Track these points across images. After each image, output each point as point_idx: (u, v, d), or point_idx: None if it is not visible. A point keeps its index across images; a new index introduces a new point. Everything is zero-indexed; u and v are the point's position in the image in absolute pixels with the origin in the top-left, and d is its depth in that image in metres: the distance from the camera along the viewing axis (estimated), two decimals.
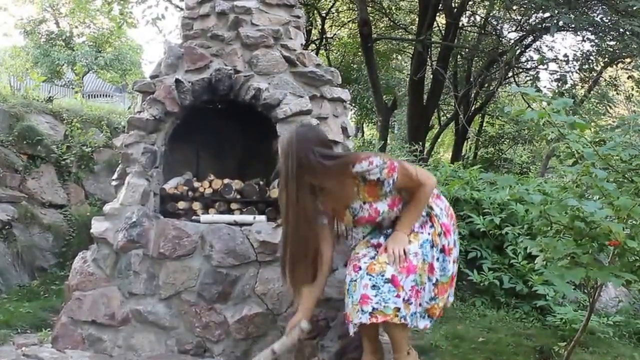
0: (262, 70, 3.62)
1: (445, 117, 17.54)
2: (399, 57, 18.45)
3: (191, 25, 3.88)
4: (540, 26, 11.70)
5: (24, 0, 21.63)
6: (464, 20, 14.07)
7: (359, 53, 15.75)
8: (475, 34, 15.01)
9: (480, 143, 17.60)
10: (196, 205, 3.76)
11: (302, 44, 3.98)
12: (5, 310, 4.48)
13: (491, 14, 13.88)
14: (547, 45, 13.31)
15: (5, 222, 5.57)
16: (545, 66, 11.80)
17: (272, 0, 3.83)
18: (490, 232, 5.63)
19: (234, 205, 3.77)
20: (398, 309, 2.74)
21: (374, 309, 2.71)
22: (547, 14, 10.88)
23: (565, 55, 11.48)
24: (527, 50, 14.13)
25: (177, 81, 3.59)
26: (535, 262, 3.59)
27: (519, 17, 13.52)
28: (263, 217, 3.57)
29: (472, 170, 6.88)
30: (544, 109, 3.28)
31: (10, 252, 5.48)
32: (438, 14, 12.93)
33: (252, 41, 3.65)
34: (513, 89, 4.23)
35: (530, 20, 12.86)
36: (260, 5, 3.79)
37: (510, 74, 13.95)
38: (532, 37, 13.23)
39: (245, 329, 3.36)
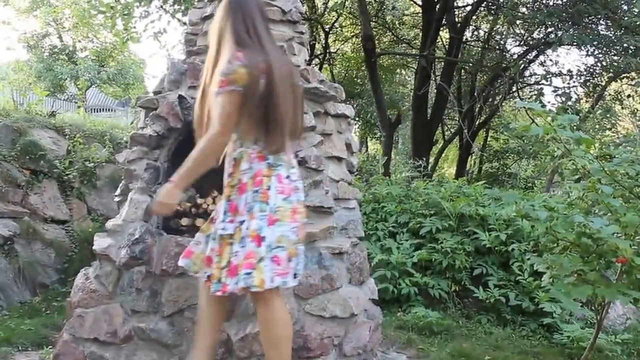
0: None
1: (449, 132, 17.55)
2: (403, 72, 18.51)
3: (194, 41, 3.88)
4: (544, 41, 11.72)
5: (27, 14, 21.75)
6: (467, 34, 14.12)
7: (362, 68, 15.82)
8: (479, 49, 15.05)
9: (484, 158, 17.58)
10: (199, 222, 3.73)
11: (305, 60, 3.97)
12: (6, 328, 4.45)
13: (495, 29, 13.95)
14: (551, 60, 13.35)
15: (7, 237, 5.55)
16: (549, 81, 11.80)
17: (276, 16, 3.82)
18: (496, 248, 5.61)
19: None
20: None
21: None
22: (550, 29, 10.91)
23: (569, 71, 11.50)
24: (530, 65, 14.17)
25: (181, 97, 3.58)
26: (542, 279, 3.57)
27: (523, 32, 13.58)
28: None
29: (477, 186, 6.87)
30: (549, 124, 3.27)
31: (11, 268, 5.46)
32: (441, 28, 12.97)
33: None
34: (518, 104, 4.22)
35: (534, 35, 12.90)
36: None
37: (514, 88, 13.98)
38: (535, 51, 13.25)
39: (249, 348, 3.31)
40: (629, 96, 12.79)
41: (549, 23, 10.00)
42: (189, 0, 9.83)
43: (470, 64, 14.36)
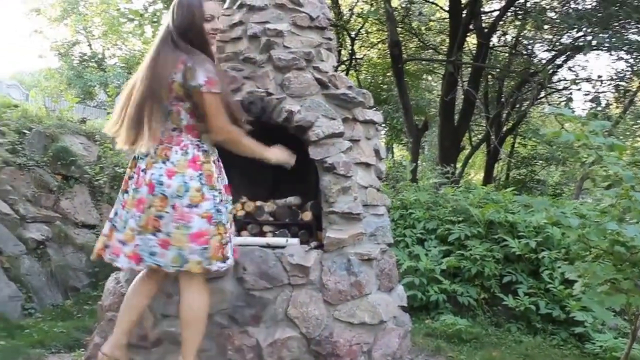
0: (295, 93, 3.62)
1: (476, 138, 17.41)
2: (429, 78, 18.43)
3: (223, 48, 3.90)
4: (573, 45, 11.58)
5: (58, 23, 22.16)
6: (494, 40, 14.01)
7: (388, 74, 15.78)
8: (506, 54, 14.92)
9: (512, 164, 17.39)
10: None
11: (333, 66, 3.98)
12: (40, 330, 4.54)
13: (522, 34, 13.81)
14: (579, 65, 13.16)
15: (39, 241, 5.66)
16: (579, 86, 11.64)
17: (304, 22, 3.84)
18: (526, 255, 5.55)
19: (266, 228, 3.76)
20: None
21: None
22: (580, 33, 10.77)
23: (599, 76, 11.34)
24: (559, 70, 13.99)
25: None
26: (574, 287, 3.51)
27: (551, 37, 13.42)
28: (296, 240, 3.55)
29: (506, 192, 6.80)
30: (580, 130, 3.23)
31: (44, 271, 5.55)
32: (468, 34, 12.89)
33: (284, 64, 3.65)
34: (549, 110, 4.17)
35: (563, 39, 12.75)
36: (292, 27, 3.80)
37: (542, 94, 13.82)
38: (564, 56, 13.08)
39: (278, 353, 3.32)
40: None
41: (579, 27, 9.87)
42: None
43: (498, 70, 14.23)
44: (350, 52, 14.23)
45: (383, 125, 16.12)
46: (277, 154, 3.17)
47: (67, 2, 21.60)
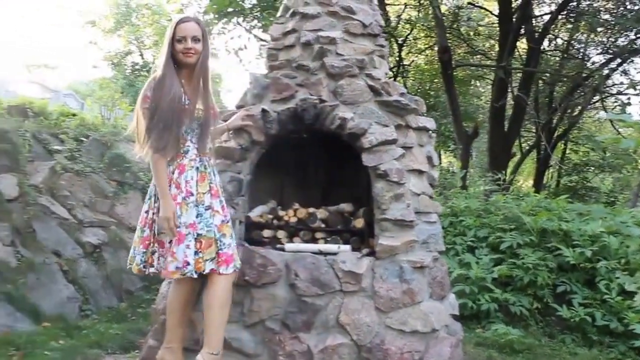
0: (348, 100, 3.63)
1: (526, 145, 17.06)
2: (477, 83, 18.17)
3: (276, 56, 3.95)
4: (629, 48, 11.23)
5: (112, 34, 22.79)
6: (544, 44, 13.71)
7: (436, 80, 15.63)
8: (557, 58, 14.59)
9: (562, 171, 16.97)
10: (280, 234, 3.78)
11: (386, 73, 3.97)
12: (96, 331, 4.66)
13: (574, 37, 13.49)
14: (635, 68, 12.76)
15: (96, 245, 5.81)
16: (637, 91, 11.27)
17: (357, 30, 3.85)
18: (581, 265, 5.40)
19: (318, 234, 3.76)
20: None
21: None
22: (637, 35, 10.46)
23: None
24: (613, 74, 13.59)
25: (264, 111, 3.65)
26: (634, 299, 3.40)
27: (605, 40, 13.07)
28: (347, 247, 3.55)
29: (559, 200, 6.64)
30: None
31: (100, 274, 5.70)
32: (519, 39, 12.67)
33: (337, 71, 3.67)
34: (606, 115, 4.06)
35: (618, 42, 12.39)
36: (344, 35, 3.81)
37: (595, 98, 13.46)
38: (619, 59, 12.70)
39: (329, 359, 3.32)
40: None
41: (633, 27, 9.57)
42: (267, 17, 10.03)
43: (549, 74, 13.93)
44: (397, 58, 14.17)
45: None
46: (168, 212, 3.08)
47: (121, 14, 22.20)
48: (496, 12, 12.97)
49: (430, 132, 3.87)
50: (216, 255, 3.10)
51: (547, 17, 13.06)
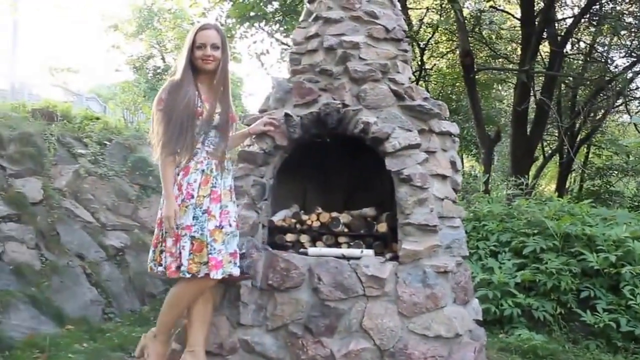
0: (371, 104, 3.63)
1: (548, 148, 16.89)
2: (500, 87, 18.04)
3: (299, 61, 3.96)
4: None
5: (134, 38, 23.00)
6: (567, 47, 13.58)
7: (457, 84, 15.54)
8: (580, 62, 14.43)
9: (585, 175, 16.77)
10: (303, 238, 3.79)
11: (410, 78, 3.96)
12: (120, 334, 4.70)
13: (598, 40, 13.34)
14: None
15: (118, 248, 5.87)
16: None
17: (380, 34, 3.85)
18: (605, 270, 5.33)
19: (341, 239, 3.76)
20: None
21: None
22: None
23: None
24: (637, 77, 13.42)
25: (287, 115, 3.66)
26: None
27: (629, 43, 12.92)
28: (371, 251, 3.54)
29: (583, 204, 6.57)
30: None
31: (123, 277, 5.75)
32: (541, 42, 12.56)
33: (360, 75, 3.67)
34: (633, 119, 4.01)
35: None
36: (368, 39, 3.81)
37: (619, 101, 13.29)
38: None
39: None
40: None
41: None
42: (289, 22, 10.06)
43: (572, 78, 13.78)
44: (419, 62, 14.12)
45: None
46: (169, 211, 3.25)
47: (143, 18, 22.41)
48: (518, 15, 12.87)
49: (454, 136, 3.85)
50: (208, 260, 3.16)
51: (569, 21, 12.93)
